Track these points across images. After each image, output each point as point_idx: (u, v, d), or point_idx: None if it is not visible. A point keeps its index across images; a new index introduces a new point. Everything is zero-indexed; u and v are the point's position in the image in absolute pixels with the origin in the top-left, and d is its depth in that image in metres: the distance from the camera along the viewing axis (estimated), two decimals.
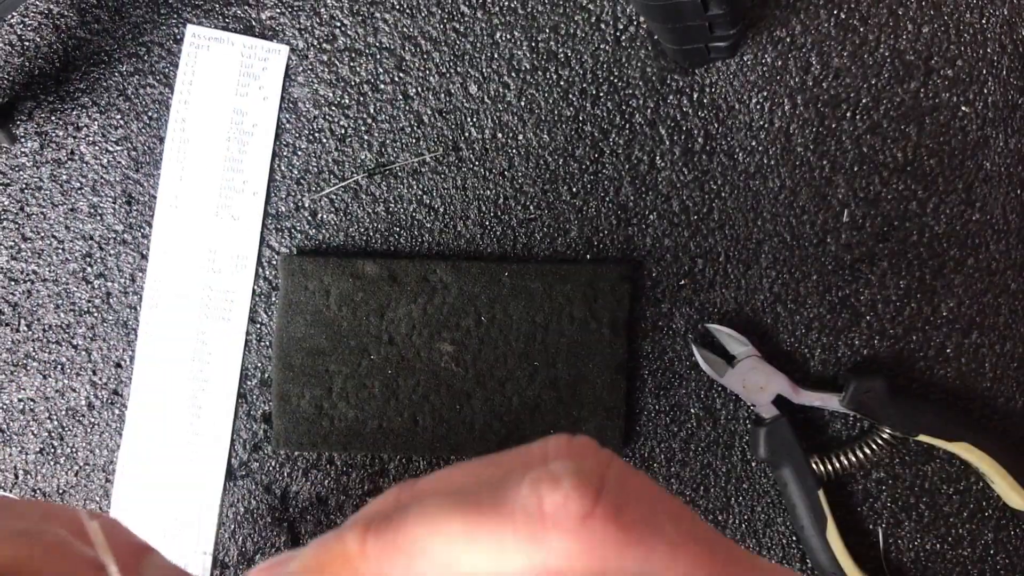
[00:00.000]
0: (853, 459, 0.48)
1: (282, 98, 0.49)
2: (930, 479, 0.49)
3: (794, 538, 0.49)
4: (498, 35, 0.49)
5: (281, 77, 0.49)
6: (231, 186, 0.49)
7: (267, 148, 0.49)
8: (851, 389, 0.47)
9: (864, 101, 0.49)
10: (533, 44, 0.49)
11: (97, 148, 0.49)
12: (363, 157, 0.49)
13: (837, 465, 0.48)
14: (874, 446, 0.48)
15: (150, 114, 0.49)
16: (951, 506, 0.50)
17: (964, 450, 0.47)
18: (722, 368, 0.48)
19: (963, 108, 0.49)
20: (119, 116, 0.49)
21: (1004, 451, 0.47)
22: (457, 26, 0.49)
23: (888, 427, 0.48)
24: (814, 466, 0.48)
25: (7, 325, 0.49)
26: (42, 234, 0.49)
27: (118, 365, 0.49)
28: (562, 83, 0.49)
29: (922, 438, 0.47)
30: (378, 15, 0.49)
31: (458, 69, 0.49)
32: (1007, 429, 0.49)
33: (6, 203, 0.49)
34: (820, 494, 0.47)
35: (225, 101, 0.49)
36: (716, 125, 0.49)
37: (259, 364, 0.49)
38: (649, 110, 0.49)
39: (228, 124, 0.49)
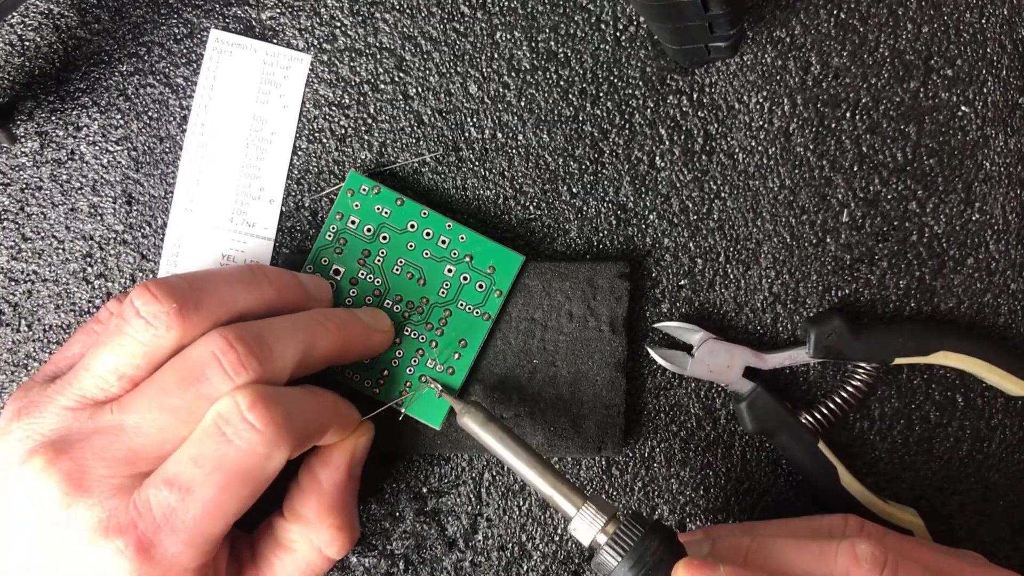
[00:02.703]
0: (840, 402, 0.48)
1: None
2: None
3: None
4: (498, 35, 0.49)
5: (302, 86, 0.49)
6: (248, 192, 0.49)
7: (285, 156, 0.49)
8: (813, 338, 0.47)
9: (864, 101, 0.49)
10: (533, 44, 0.49)
11: (97, 148, 0.49)
12: (363, 157, 0.49)
13: (827, 413, 0.48)
14: (856, 383, 0.48)
15: (150, 114, 0.49)
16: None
17: (944, 358, 0.47)
18: (683, 360, 0.48)
19: (963, 108, 0.49)
20: (119, 116, 0.49)
21: (982, 347, 0.47)
22: (457, 26, 0.49)
23: (862, 361, 0.47)
24: (806, 421, 0.48)
25: (7, 325, 0.49)
26: (42, 234, 0.49)
27: None
28: (562, 83, 0.49)
29: (899, 361, 0.47)
30: (378, 15, 0.49)
31: (458, 69, 0.49)
32: (978, 328, 0.49)
33: (6, 203, 0.49)
34: (821, 446, 0.47)
35: (245, 108, 0.49)
36: (716, 125, 0.49)
37: None
38: (649, 110, 0.49)
39: (247, 131, 0.49)
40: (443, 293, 0.47)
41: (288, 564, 0.43)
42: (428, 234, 0.47)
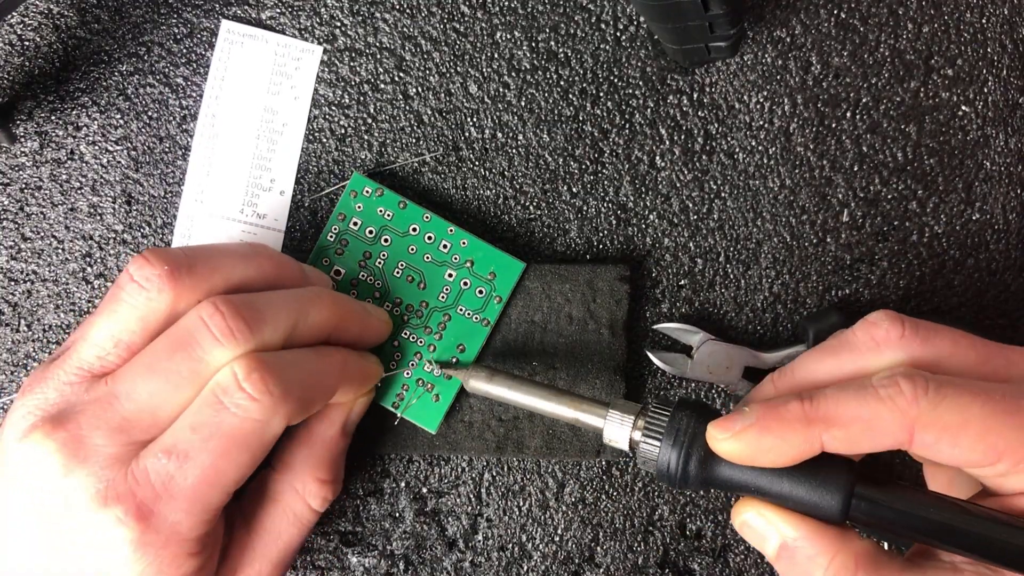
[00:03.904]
0: None
1: (313, 99, 0.49)
2: None
3: None
4: (498, 35, 0.49)
5: (313, 77, 0.49)
6: (258, 184, 0.49)
7: (296, 148, 0.49)
8: (812, 334, 0.47)
9: (864, 100, 0.49)
10: (533, 44, 0.49)
11: (97, 148, 0.49)
12: (363, 157, 0.49)
13: None
14: None
15: (150, 114, 0.49)
16: None
17: None
18: (683, 363, 0.48)
19: (963, 107, 0.49)
20: (119, 116, 0.49)
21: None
22: (457, 26, 0.49)
23: None
24: None
25: (7, 325, 0.49)
26: (42, 234, 0.49)
27: None
28: (562, 83, 0.49)
29: None
30: (378, 15, 0.49)
31: (458, 69, 0.49)
32: (976, 322, 0.49)
33: (6, 203, 0.49)
34: None
35: (256, 99, 0.49)
36: (716, 125, 0.49)
37: None
38: (649, 110, 0.49)
39: (258, 122, 0.49)
40: (443, 297, 0.47)
41: (275, 515, 0.43)
42: (430, 238, 0.47)
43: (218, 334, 0.38)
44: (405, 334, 0.47)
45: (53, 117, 0.49)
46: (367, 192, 0.47)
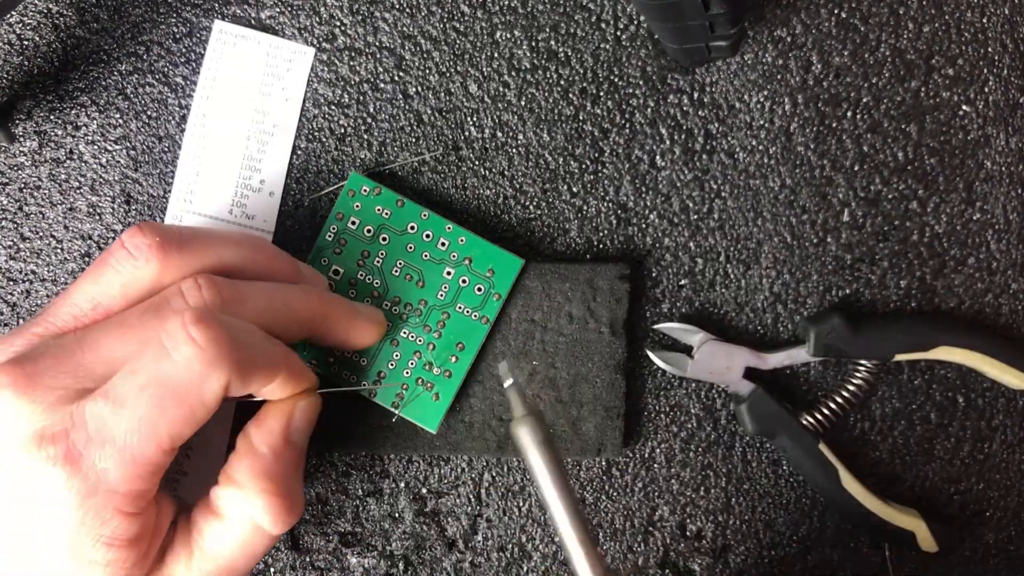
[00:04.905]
0: (840, 401, 0.48)
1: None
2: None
3: (794, 538, 0.49)
4: (498, 34, 0.49)
5: (305, 79, 0.49)
6: (248, 185, 0.49)
7: (286, 149, 0.49)
8: (812, 336, 0.47)
9: (865, 100, 0.48)
10: (533, 43, 0.48)
11: (96, 147, 0.49)
12: (363, 156, 0.49)
13: (828, 413, 0.48)
14: (857, 381, 0.48)
15: (149, 113, 0.49)
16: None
17: (944, 353, 0.47)
18: (683, 362, 0.48)
19: (964, 107, 0.48)
20: (118, 115, 0.49)
21: (983, 341, 0.47)
22: (457, 25, 0.49)
23: (862, 359, 0.47)
24: (806, 423, 0.48)
25: (6, 325, 0.49)
26: (41, 234, 0.49)
27: None
28: (562, 82, 0.49)
29: (899, 357, 0.47)
30: (378, 15, 0.49)
31: (458, 68, 0.49)
32: (977, 321, 0.49)
33: (5, 203, 0.49)
34: (822, 447, 0.47)
35: (247, 100, 0.49)
36: (716, 124, 0.49)
37: None
38: (649, 109, 0.49)
39: (249, 123, 0.49)
40: (442, 296, 0.47)
41: (219, 531, 0.40)
42: (428, 236, 0.47)
43: (189, 299, 0.38)
44: (404, 333, 0.47)
45: (52, 117, 0.49)
46: (365, 191, 0.47)
